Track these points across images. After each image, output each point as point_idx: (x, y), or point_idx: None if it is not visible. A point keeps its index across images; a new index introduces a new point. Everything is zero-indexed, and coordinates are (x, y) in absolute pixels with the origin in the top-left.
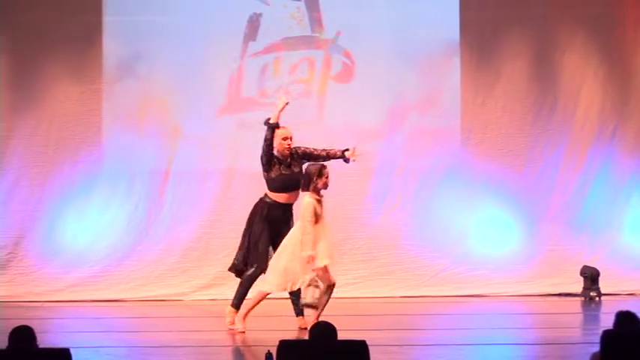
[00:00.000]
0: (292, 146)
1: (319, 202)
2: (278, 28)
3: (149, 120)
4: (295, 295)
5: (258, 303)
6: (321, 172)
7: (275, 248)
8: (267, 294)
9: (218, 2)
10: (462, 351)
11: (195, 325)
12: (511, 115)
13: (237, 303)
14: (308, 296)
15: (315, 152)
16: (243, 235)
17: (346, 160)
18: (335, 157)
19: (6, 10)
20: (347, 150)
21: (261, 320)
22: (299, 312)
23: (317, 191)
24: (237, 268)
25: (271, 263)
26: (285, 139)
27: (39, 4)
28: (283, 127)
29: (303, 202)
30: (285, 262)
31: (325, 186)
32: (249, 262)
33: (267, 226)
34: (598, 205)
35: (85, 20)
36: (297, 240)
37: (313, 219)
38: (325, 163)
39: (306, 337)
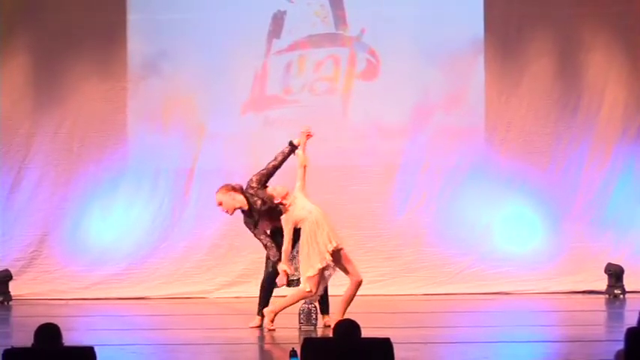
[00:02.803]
0: (245, 188)
1: None
2: (302, 26)
3: (174, 118)
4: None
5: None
6: None
7: None
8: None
9: (242, 0)
10: (486, 348)
11: (220, 322)
12: (535, 113)
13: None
14: (304, 320)
15: (270, 168)
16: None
17: (294, 147)
18: (287, 156)
19: (31, 8)
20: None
21: (286, 318)
22: (324, 310)
23: None
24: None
25: None
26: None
27: (64, 2)
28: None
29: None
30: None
31: None
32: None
33: None
34: (622, 202)
35: (109, 19)
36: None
37: None
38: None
39: (331, 334)
